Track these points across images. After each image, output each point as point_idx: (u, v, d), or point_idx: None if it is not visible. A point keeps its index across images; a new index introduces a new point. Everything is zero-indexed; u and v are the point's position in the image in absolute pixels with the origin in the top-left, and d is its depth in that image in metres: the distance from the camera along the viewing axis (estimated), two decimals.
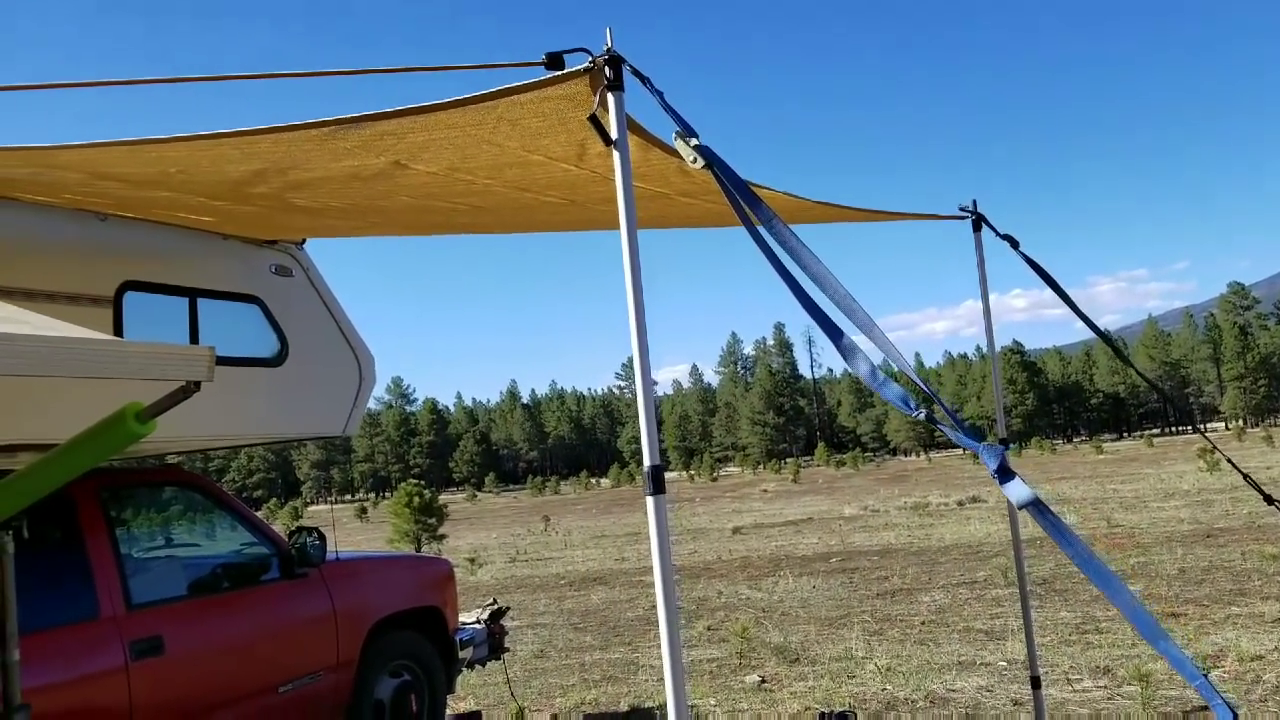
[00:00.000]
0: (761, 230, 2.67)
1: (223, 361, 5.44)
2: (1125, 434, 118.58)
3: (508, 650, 7.49)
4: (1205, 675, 2.18)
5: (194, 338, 5.36)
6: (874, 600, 11.81)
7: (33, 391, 4.25)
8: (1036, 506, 2.31)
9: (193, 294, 5.37)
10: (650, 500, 2.72)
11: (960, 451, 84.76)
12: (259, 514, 6.49)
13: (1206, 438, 6.93)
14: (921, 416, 2.44)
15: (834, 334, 2.52)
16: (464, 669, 6.91)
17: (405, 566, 6.85)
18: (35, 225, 4.63)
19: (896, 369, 2.77)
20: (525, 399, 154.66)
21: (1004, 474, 2.32)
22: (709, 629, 10.70)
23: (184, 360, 2.88)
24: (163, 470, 5.82)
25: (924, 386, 2.50)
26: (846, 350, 2.52)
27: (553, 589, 15.81)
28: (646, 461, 2.70)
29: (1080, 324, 5.64)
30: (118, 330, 4.90)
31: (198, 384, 2.84)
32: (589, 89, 2.79)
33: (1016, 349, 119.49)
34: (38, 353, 2.59)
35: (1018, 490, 2.33)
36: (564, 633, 11.40)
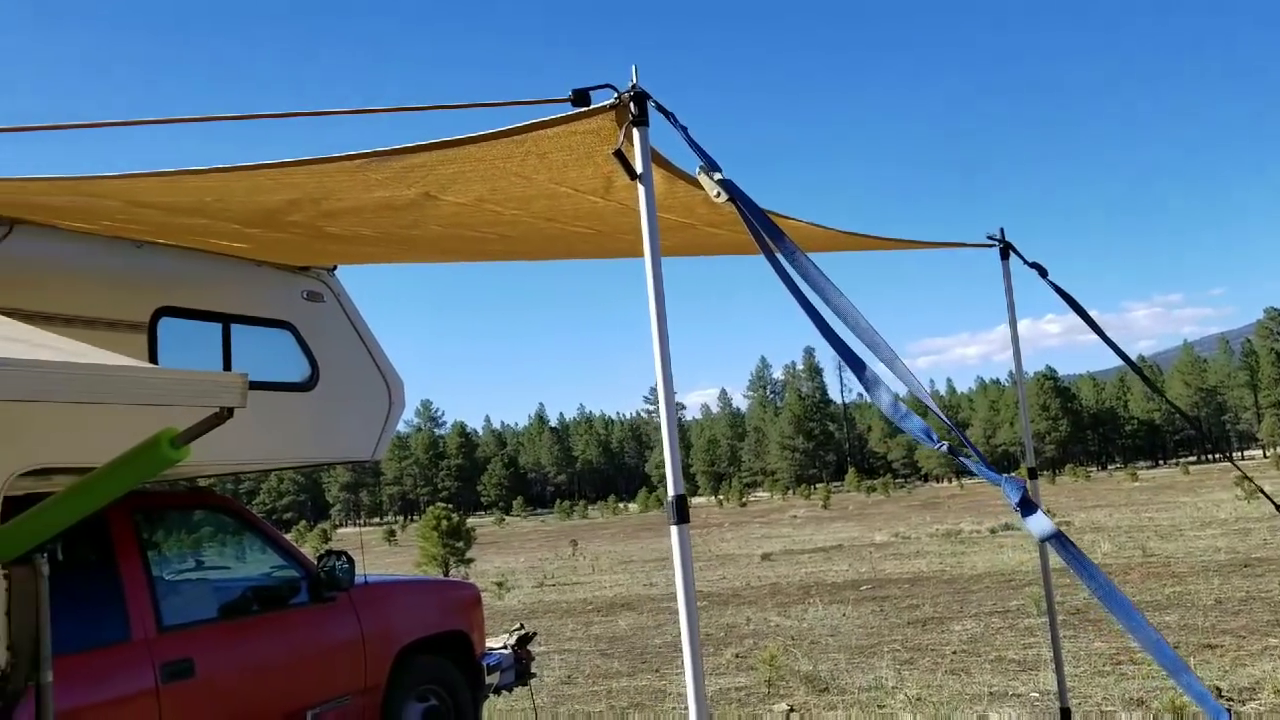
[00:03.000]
0: (784, 263, 2.68)
1: (255, 386, 5.51)
2: (1161, 461, 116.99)
3: (534, 676, 7.48)
4: (1229, 711, 2.16)
5: (227, 363, 5.43)
6: (905, 629, 11.70)
7: (68, 416, 4.32)
8: (1059, 540, 2.30)
9: (226, 319, 5.44)
10: (674, 530, 2.73)
11: None
12: (288, 536, 6.54)
13: (1237, 466, 6.84)
14: (944, 450, 2.44)
15: (856, 366, 2.53)
16: (490, 694, 6.91)
17: (432, 591, 6.88)
18: (74, 252, 4.72)
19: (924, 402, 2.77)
20: (553, 422, 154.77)
21: (1026, 507, 2.31)
22: (737, 656, 10.64)
23: (218, 386, 2.92)
24: (194, 493, 5.89)
25: (946, 420, 2.50)
26: (869, 382, 2.53)
27: (580, 614, 15.78)
28: (671, 491, 2.71)
29: (1111, 350, 5.60)
30: (152, 355, 4.97)
31: (231, 410, 2.87)
32: (614, 123, 2.82)
33: (1050, 375, 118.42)
34: (75, 380, 2.64)
35: (1039, 524, 2.32)
36: (591, 659, 11.37)
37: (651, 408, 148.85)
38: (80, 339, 3.55)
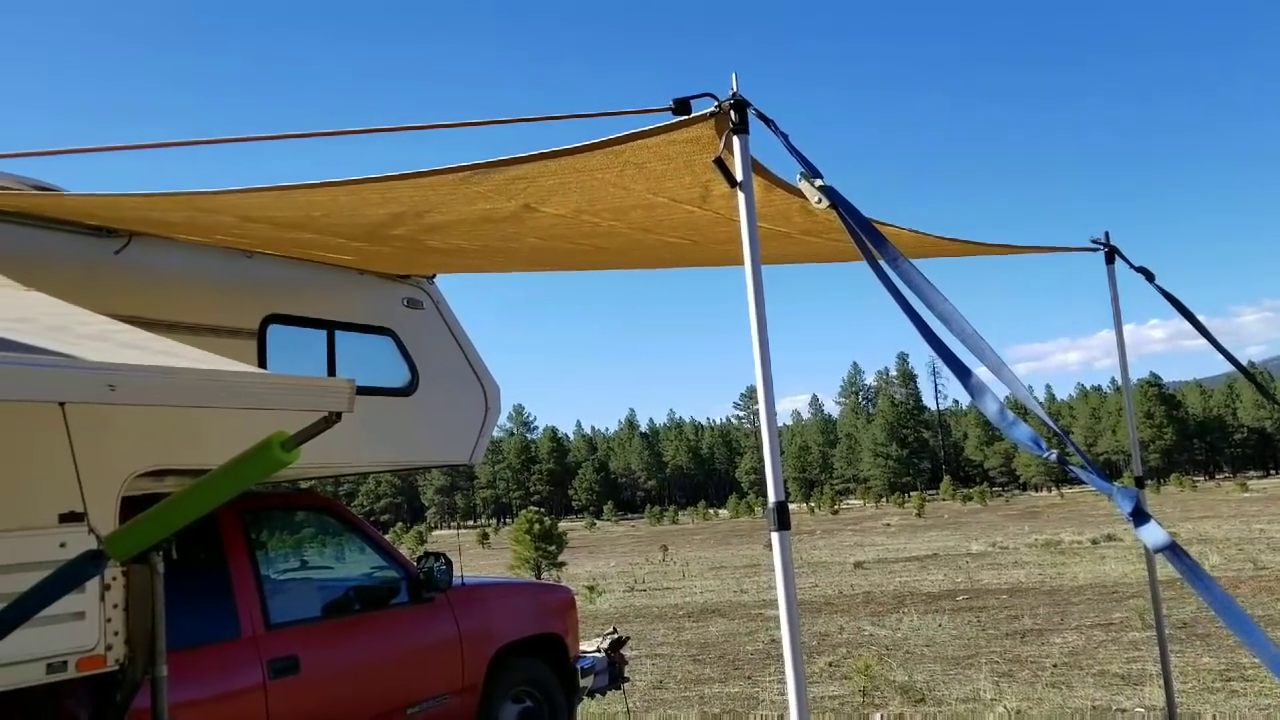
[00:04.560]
0: (886, 268, 2.66)
1: (358, 391, 5.66)
2: (1272, 471, 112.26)
3: (628, 680, 7.51)
4: None
5: (331, 368, 5.57)
6: (1003, 640, 11.45)
7: (181, 419, 4.48)
8: (1173, 551, 2.24)
9: (330, 326, 5.59)
10: (775, 536, 2.72)
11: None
12: (386, 537, 6.68)
13: None
14: (1053, 458, 2.39)
15: (961, 372, 2.49)
16: (584, 697, 6.96)
17: (528, 593, 6.96)
18: (188, 262, 4.91)
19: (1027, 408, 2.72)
20: (643, 428, 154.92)
21: (1139, 517, 2.25)
22: (830, 665, 10.53)
23: (326, 391, 3.01)
24: (299, 494, 6.05)
25: (1054, 427, 2.45)
26: (975, 389, 2.49)
27: (671, 619, 15.78)
28: (771, 497, 2.70)
29: (1222, 356, 5.43)
30: (261, 361, 5.13)
31: (339, 414, 2.95)
32: (714, 132, 2.83)
33: (1154, 381, 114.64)
34: (193, 385, 2.74)
35: (1153, 534, 2.27)
36: (683, 664, 11.37)
37: (741, 414, 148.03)
38: (195, 345, 3.70)
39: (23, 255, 4.15)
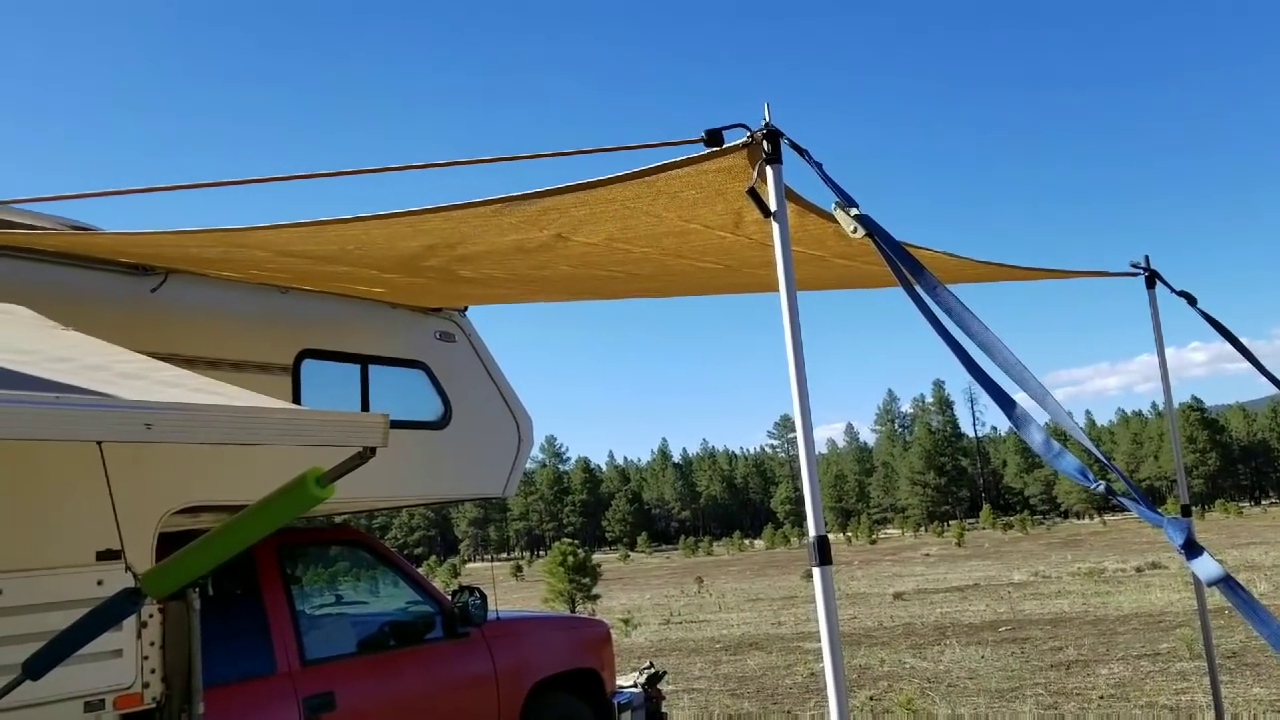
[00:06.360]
0: (924, 296, 2.62)
1: (392, 425, 5.66)
2: None
3: (665, 715, 7.42)
4: None
5: (365, 403, 5.59)
6: (1048, 672, 11.23)
7: (216, 455, 4.50)
8: (1228, 584, 2.18)
9: (364, 361, 5.61)
10: (817, 571, 2.67)
11: None
12: (419, 571, 6.65)
13: None
14: (1101, 489, 2.33)
15: (1005, 403, 2.43)
16: None
17: (564, 628, 6.91)
18: (223, 299, 4.95)
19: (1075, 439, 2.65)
20: (676, 458, 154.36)
21: (1191, 549, 2.19)
22: (872, 699, 10.37)
23: (361, 426, 3.00)
24: (335, 530, 6.05)
25: (1102, 458, 2.38)
26: (1019, 419, 2.43)
27: (708, 653, 15.63)
28: (812, 531, 2.65)
29: (1266, 379, 5.32)
30: (296, 396, 5.15)
31: (373, 450, 2.94)
32: (746, 161, 2.81)
33: (1196, 405, 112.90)
34: (228, 422, 2.74)
35: (1207, 567, 2.20)
36: (721, 698, 11.23)
37: (775, 443, 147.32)
38: (230, 381, 3.71)
39: (61, 294, 4.20)
